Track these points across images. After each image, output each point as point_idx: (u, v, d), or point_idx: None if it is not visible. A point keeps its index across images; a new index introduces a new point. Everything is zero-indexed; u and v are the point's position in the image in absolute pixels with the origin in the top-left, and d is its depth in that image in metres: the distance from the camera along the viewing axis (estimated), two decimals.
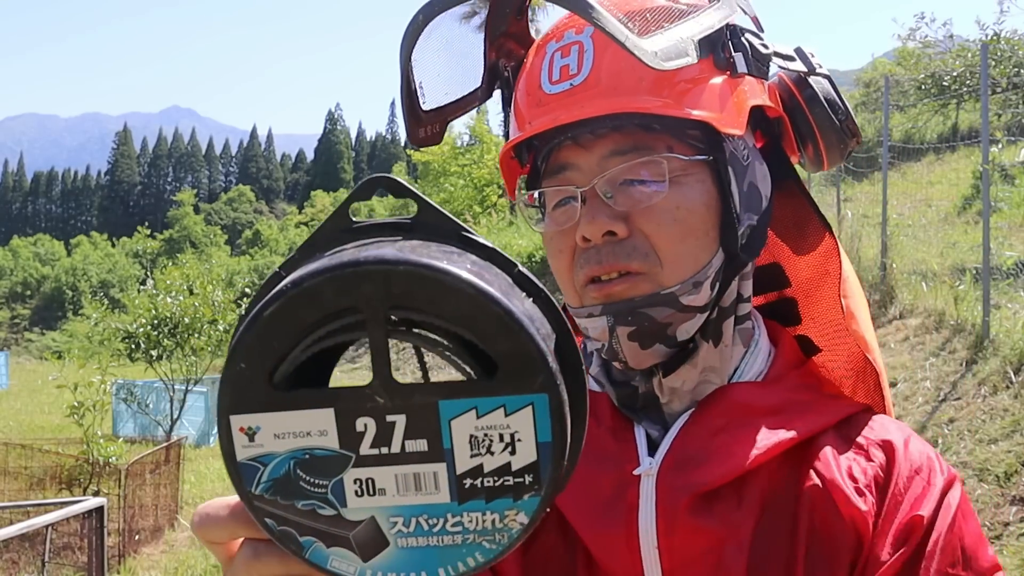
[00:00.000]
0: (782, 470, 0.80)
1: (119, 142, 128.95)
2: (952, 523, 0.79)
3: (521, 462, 0.48)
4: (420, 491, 0.49)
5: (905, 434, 0.84)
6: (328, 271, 0.46)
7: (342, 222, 0.51)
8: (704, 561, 0.76)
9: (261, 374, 0.48)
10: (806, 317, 0.95)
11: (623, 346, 0.81)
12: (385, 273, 0.46)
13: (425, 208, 0.51)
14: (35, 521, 5.57)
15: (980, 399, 5.65)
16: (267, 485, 0.49)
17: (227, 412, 0.48)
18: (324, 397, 0.48)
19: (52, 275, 75.61)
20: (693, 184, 0.80)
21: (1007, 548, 4.38)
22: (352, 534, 0.49)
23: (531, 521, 0.49)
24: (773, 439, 0.80)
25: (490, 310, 0.46)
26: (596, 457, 0.81)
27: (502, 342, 0.46)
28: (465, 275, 0.46)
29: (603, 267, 0.80)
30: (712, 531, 0.77)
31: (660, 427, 0.84)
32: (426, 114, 0.89)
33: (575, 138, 0.81)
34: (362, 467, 0.48)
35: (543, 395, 0.47)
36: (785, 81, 0.88)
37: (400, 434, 0.48)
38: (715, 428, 0.81)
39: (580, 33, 0.82)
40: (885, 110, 9.46)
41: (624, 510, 0.78)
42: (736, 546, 0.77)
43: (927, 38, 16.77)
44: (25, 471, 9.84)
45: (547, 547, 0.81)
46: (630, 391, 0.85)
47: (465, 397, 0.47)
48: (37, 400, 20.82)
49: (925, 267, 8.09)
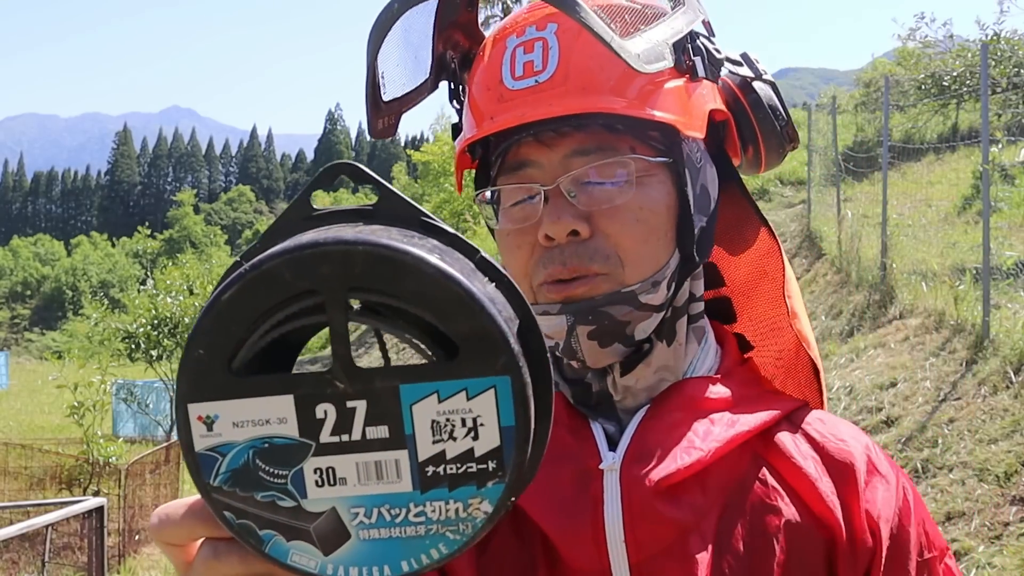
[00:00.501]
0: (742, 461, 0.82)
1: (119, 142, 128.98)
2: (916, 514, 0.85)
3: (484, 447, 0.47)
4: (382, 480, 0.47)
5: (855, 432, 0.88)
6: (286, 253, 0.46)
7: (303, 210, 0.50)
8: (671, 553, 0.77)
9: (220, 361, 0.46)
10: (742, 316, 0.97)
11: (582, 345, 0.81)
12: (344, 253, 0.45)
13: (387, 195, 0.50)
14: (35, 521, 5.57)
15: (980, 399, 5.65)
16: (226, 476, 0.48)
17: (185, 400, 0.47)
18: (283, 383, 0.47)
19: (52, 275, 75.64)
20: (655, 185, 0.81)
21: (1007, 548, 4.38)
22: (313, 526, 0.48)
23: (496, 510, 0.48)
24: (731, 431, 0.81)
25: (451, 290, 0.45)
26: (554, 454, 0.80)
27: (463, 323, 0.45)
28: (426, 255, 0.45)
29: (567, 269, 0.79)
30: (678, 523, 0.77)
31: (615, 423, 0.84)
32: (386, 105, 0.88)
33: (537, 135, 0.81)
34: (322, 456, 0.47)
35: (505, 377, 0.46)
36: (730, 85, 0.89)
37: (361, 420, 0.47)
38: (673, 422, 0.82)
39: (543, 29, 0.81)
40: (885, 110, 9.46)
41: (589, 505, 0.78)
42: (701, 537, 0.78)
43: (927, 38, 16.78)
44: (25, 471, 9.84)
45: (502, 550, 0.80)
46: (583, 389, 0.85)
47: (426, 381, 0.46)
48: (37, 400, 20.82)
49: (925, 267, 8.09)
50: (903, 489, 0.86)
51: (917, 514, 0.85)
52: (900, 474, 0.87)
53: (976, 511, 4.73)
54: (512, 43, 0.83)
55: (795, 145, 0.93)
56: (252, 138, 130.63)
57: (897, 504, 0.84)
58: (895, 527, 0.83)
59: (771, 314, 0.96)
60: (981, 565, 4.35)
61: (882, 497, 0.84)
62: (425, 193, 26.04)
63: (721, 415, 0.83)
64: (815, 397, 0.93)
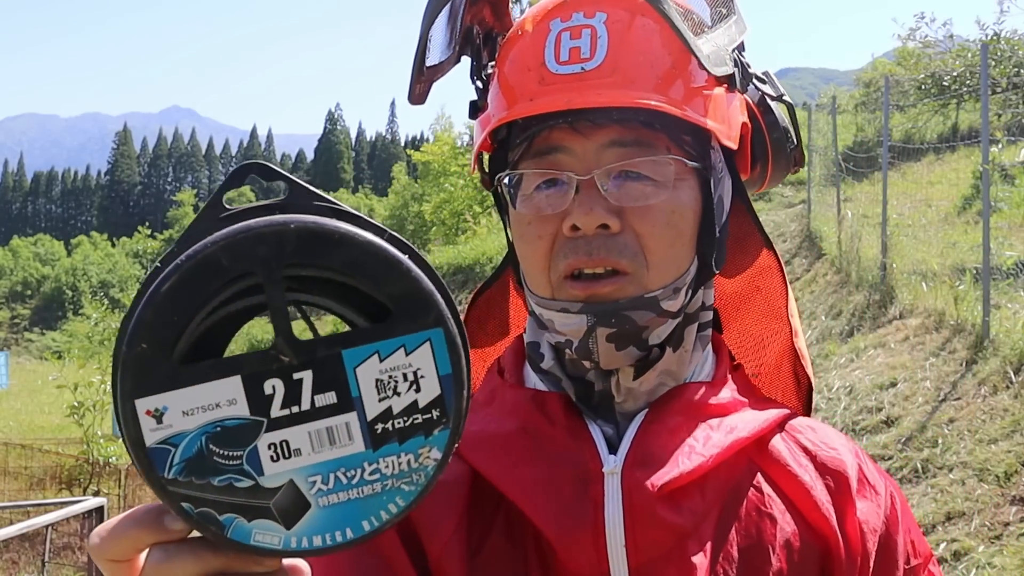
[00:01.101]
0: (738, 467, 0.82)
1: (119, 142, 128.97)
2: (903, 522, 0.86)
3: (427, 398, 0.50)
4: (335, 444, 0.49)
5: (845, 440, 0.89)
6: (223, 239, 0.48)
7: (216, 211, 0.51)
8: (669, 557, 0.76)
9: (163, 352, 0.47)
10: (728, 329, 0.97)
11: (599, 346, 0.79)
12: (278, 232, 0.48)
13: (295, 188, 0.52)
14: (35, 521, 5.58)
15: (980, 399, 5.65)
16: (180, 467, 0.48)
17: (131, 397, 0.47)
18: (230, 365, 0.48)
19: (52, 275, 75.62)
20: (686, 190, 0.80)
21: (1007, 548, 4.38)
22: (272, 502, 0.49)
23: (444, 455, 0.51)
24: (731, 438, 0.81)
25: (380, 256, 0.49)
26: (553, 456, 0.80)
27: (394, 284, 0.49)
28: (353, 228, 0.49)
29: (592, 260, 0.78)
30: (678, 528, 0.77)
31: (613, 425, 0.83)
32: (428, 70, 0.86)
33: (573, 123, 0.79)
34: (275, 430, 0.49)
35: (438, 329, 0.50)
36: (749, 102, 0.89)
37: (309, 390, 0.49)
38: (674, 426, 0.81)
39: (591, 17, 0.80)
40: (885, 110, 9.46)
41: (590, 508, 0.77)
42: (699, 542, 0.77)
43: (927, 38, 16.79)
44: (25, 471, 9.84)
45: (495, 553, 0.79)
46: (585, 387, 0.84)
47: (366, 343, 0.49)
48: (37, 400, 20.82)
49: (925, 267, 8.09)
50: (892, 497, 0.86)
51: (904, 522, 0.86)
52: (889, 482, 0.88)
53: (976, 511, 4.73)
54: (557, 26, 0.81)
55: (799, 169, 0.93)
56: (252, 138, 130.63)
57: (886, 512, 0.85)
58: (884, 536, 0.84)
59: (758, 329, 0.96)
60: (981, 565, 4.35)
61: (872, 506, 0.84)
62: (425, 193, 26.03)
63: (720, 421, 0.82)
64: (799, 409, 0.94)
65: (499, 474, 0.80)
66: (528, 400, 0.84)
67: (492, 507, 0.80)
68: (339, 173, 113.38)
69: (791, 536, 0.80)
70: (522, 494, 0.78)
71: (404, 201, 27.92)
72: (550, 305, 0.81)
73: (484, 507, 0.81)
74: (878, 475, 0.87)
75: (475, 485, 0.81)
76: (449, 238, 22.63)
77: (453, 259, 18.92)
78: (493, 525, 0.80)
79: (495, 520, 0.80)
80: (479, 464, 0.81)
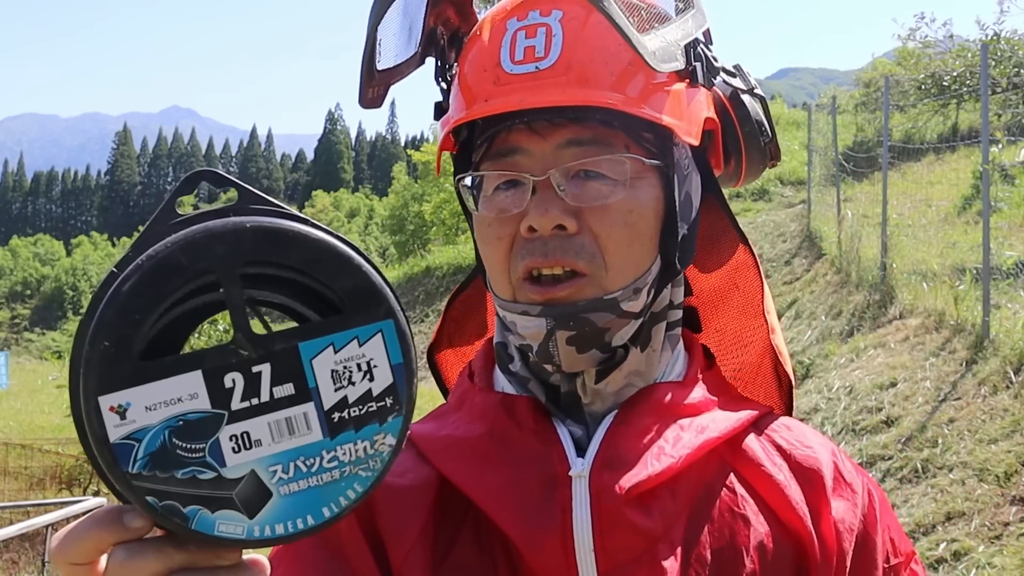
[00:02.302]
0: (710, 468, 0.80)
1: (119, 142, 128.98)
2: (882, 521, 0.84)
3: (380, 386, 0.52)
4: (294, 434, 0.51)
5: (822, 439, 0.87)
6: (181, 240, 0.50)
7: (169, 217, 0.53)
8: (640, 561, 0.75)
9: (125, 349, 0.49)
10: (707, 327, 0.96)
11: (560, 350, 0.78)
12: (235, 232, 0.50)
13: (246, 194, 0.54)
14: (35, 521, 5.58)
15: (980, 399, 5.65)
16: (144, 461, 0.49)
17: (95, 394, 0.49)
18: (191, 360, 0.50)
19: (52, 275, 75.61)
20: (646, 188, 0.79)
21: (1007, 548, 4.38)
22: (235, 492, 0.51)
23: (398, 441, 0.53)
24: (701, 438, 0.80)
25: (333, 253, 0.52)
26: (520, 459, 0.79)
27: (346, 279, 0.52)
28: (307, 228, 0.52)
29: (548, 260, 0.77)
30: (648, 531, 0.76)
31: (582, 427, 0.82)
32: (379, 74, 0.85)
33: (530, 123, 0.78)
34: (236, 422, 0.50)
35: (389, 321, 0.53)
36: (720, 95, 0.88)
37: (267, 382, 0.51)
38: (643, 428, 0.80)
39: (547, 15, 0.79)
40: (885, 110, 9.46)
41: (557, 512, 0.76)
42: (670, 544, 0.76)
43: (927, 38, 16.78)
44: (25, 471, 9.84)
45: (463, 559, 0.78)
46: (551, 390, 0.83)
47: (321, 335, 0.52)
48: (37, 400, 20.81)
49: (925, 267, 8.09)
50: (869, 495, 0.85)
51: (884, 520, 0.85)
52: (867, 480, 0.86)
53: (976, 511, 4.73)
54: (513, 25, 0.80)
55: (775, 163, 0.92)
56: (252, 138, 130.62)
57: (863, 511, 0.83)
58: (861, 534, 0.82)
59: (737, 327, 0.95)
60: (981, 565, 4.35)
61: (848, 504, 0.83)
62: (425, 193, 26.03)
63: (690, 421, 0.81)
64: (780, 407, 0.93)
65: (467, 479, 0.79)
66: (496, 404, 0.83)
67: (460, 513, 0.79)
68: (339, 173, 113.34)
69: (764, 537, 0.79)
70: (489, 498, 0.77)
71: (404, 201, 27.88)
72: (512, 308, 0.81)
73: (452, 513, 0.80)
74: (855, 473, 0.86)
75: (442, 491, 0.80)
76: (449, 238, 22.63)
77: (453, 259, 18.92)
78: (461, 531, 0.79)
79: (463, 526, 0.79)
80: (447, 469, 0.80)
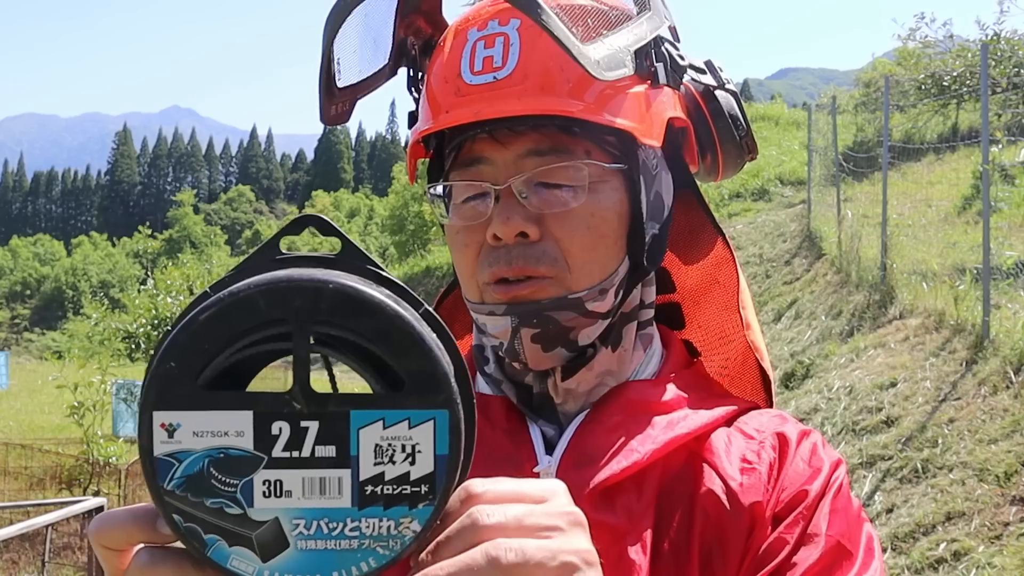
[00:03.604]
0: (677, 464, 0.81)
1: (119, 142, 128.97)
2: (836, 496, 0.79)
3: (419, 472, 0.52)
4: (324, 495, 0.52)
5: (795, 426, 0.85)
6: (264, 284, 0.51)
7: (271, 253, 0.55)
8: (606, 556, 0.74)
9: (189, 374, 0.51)
10: (691, 323, 0.97)
11: (525, 347, 0.80)
12: (315, 289, 0.51)
13: (348, 247, 0.55)
14: (35, 521, 5.58)
15: (980, 399, 5.65)
16: (180, 481, 0.51)
17: (151, 408, 0.51)
18: (245, 399, 0.52)
19: (52, 275, 75.62)
20: (608, 192, 0.81)
21: (1007, 548, 4.38)
22: (255, 534, 0.52)
23: (423, 529, 0.53)
24: (669, 434, 0.80)
25: (405, 331, 0.52)
26: (492, 459, 0.79)
27: (412, 361, 0.52)
28: (386, 299, 0.52)
29: (512, 269, 0.79)
30: (613, 526, 0.76)
31: (556, 427, 0.83)
32: (340, 91, 0.87)
33: (492, 132, 0.80)
34: (272, 469, 0.52)
35: (444, 411, 0.52)
36: (692, 92, 0.89)
37: (312, 439, 0.52)
38: (612, 425, 0.81)
39: (505, 24, 0.80)
40: (885, 110, 9.46)
41: None
42: (637, 539, 0.77)
43: (927, 38, 16.77)
44: (25, 471, 9.85)
45: None
46: (525, 390, 0.85)
47: (375, 408, 0.52)
48: (37, 400, 20.81)
49: (925, 267, 8.09)
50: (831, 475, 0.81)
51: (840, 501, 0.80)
52: (835, 465, 0.82)
53: (976, 511, 4.73)
54: (473, 36, 0.81)
55: (754, 156, 0.93)
56: (252, 138, 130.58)
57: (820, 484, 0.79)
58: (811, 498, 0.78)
59: (720, 323, 0.95)
60: (981, 565, 4.35)
61: (805, 478, 0.80)
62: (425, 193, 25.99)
63: (661, 418, 0.82)
64: (764, 401, 0.93)
65: None
66: None
67: None
68: (339, 173, 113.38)
69: (732, 530, 0.78)
70: None
71: (404, 201, 27.88)
72: (480, 309, 0.83)
73: None
74: (826, 458, 0.82)
75: None
76: None
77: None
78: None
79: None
80: None
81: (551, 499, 0.56)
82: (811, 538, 0.77)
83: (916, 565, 4.64)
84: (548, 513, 0.55)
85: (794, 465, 0.81)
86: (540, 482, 0.57)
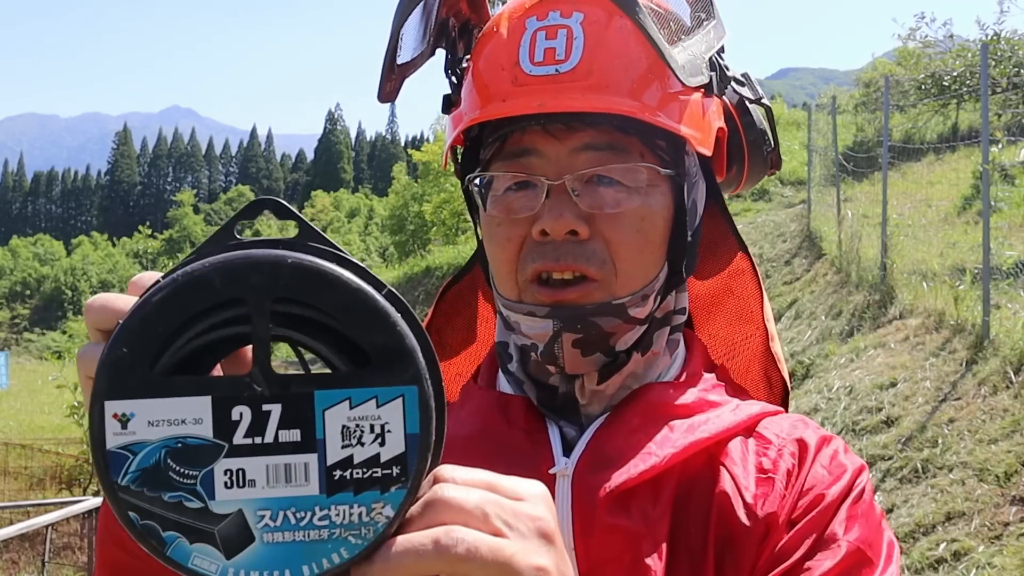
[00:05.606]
0: (695, 468, 0.79)
1: (119, 142, 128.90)
2: (857, 502, 0.78)
3: (390, 453, 0.49)
4: (290, 482, 0.49)
5: (816, 431, 0.83)
6: (219, 262, 0.49)
7: (227, 238, 0.53)
8: (621, 561, 0.74)
9: (142, 360, 0.48)
10: (700, 332, 0.96)
11: (565, 352, 0.79)
12: (273, 264, 0.49)
13: (306, 230, 0.53)
14: (35, 521, 5.58)
15: (980, 399, 5.65)
16: (134, 475, 0.48)
17: (102, 397, 0.48)
18: (202, 384, 0.49)
19: (52, 275, 75.57)
20: (658, 196, 0.80)
21: (1007, 548, 4.38)
22: (218, 528, 0.49)
23: (396, 514, 0.50)
24: (689, 438, 0.79)
25: (368, 304, 0.49)
26: (509, 458, 0.78)
27: (377, 335, 0.49)
28: (347, 273, 0.50)
29: (560, 265, 0.77)
30: (628, 530, 0.75)
31: (577, 428, 0.82)
32: (398, 68, 0.85)
33: (546, 125, 0.78)
34: (234, 457, 0.49)
35: (413, 387, 0.49)
36: (727, 104, 0.88)
37: (275, 423, 0.49)
38: (632, 428, 0.79)
39: (567, 16, 0.79)
40: (885, 110, 9.46)
41: None
42: (653, 544, 0.75)
43: (927, 38, 16.77)
44: (25, 471, 9.85)
45: None
46: (548, 391, 0.83)
47: (340, 388, 0.49)
48: (37, 400, 20.80)
49: (925, 267, 8.09)
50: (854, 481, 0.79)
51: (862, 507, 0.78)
52: (859, 471, 0.81)
53: (976, 511, 4.73)
54: (532, 25, 0.79)
55: (775, 171, 0.93)
56: (252, 138, 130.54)
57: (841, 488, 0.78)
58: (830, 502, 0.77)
59: (728, 334, 0.95)
60: (981, 565, 4.35)
61: (826, 483, 0.78)
62: (425, 193, 26.02)
63: (681, 422, 0.80)
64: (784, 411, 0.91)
65: None
66: (493, 403, 0.84)
67: None
68: (339, 173, 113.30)
69: (747, 538, 0.77)
70: None
71: (404, 201, 27.88)
72: (517, 308, 0.81)
73: None
74: (848, 465, 0.80)
75: None
76: (449, 238, 22.61)
77: (453, 259, 18.89)
78: None
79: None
80: None
81: (527, 500, 0.53)
82: (828, 543, 0.75)
83: (916, 565, 4.64)
84: (516, 513, 0.52)
85: (813, 470, 0.79)
86: (521, 481, 0.54)
